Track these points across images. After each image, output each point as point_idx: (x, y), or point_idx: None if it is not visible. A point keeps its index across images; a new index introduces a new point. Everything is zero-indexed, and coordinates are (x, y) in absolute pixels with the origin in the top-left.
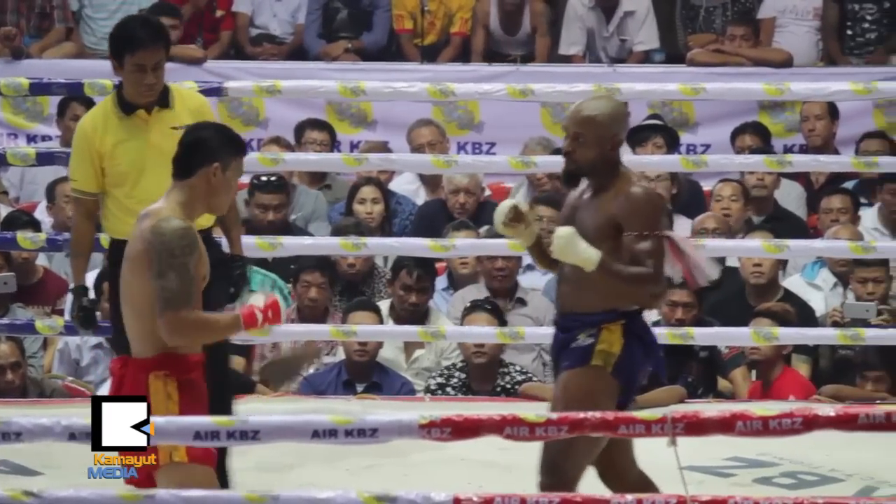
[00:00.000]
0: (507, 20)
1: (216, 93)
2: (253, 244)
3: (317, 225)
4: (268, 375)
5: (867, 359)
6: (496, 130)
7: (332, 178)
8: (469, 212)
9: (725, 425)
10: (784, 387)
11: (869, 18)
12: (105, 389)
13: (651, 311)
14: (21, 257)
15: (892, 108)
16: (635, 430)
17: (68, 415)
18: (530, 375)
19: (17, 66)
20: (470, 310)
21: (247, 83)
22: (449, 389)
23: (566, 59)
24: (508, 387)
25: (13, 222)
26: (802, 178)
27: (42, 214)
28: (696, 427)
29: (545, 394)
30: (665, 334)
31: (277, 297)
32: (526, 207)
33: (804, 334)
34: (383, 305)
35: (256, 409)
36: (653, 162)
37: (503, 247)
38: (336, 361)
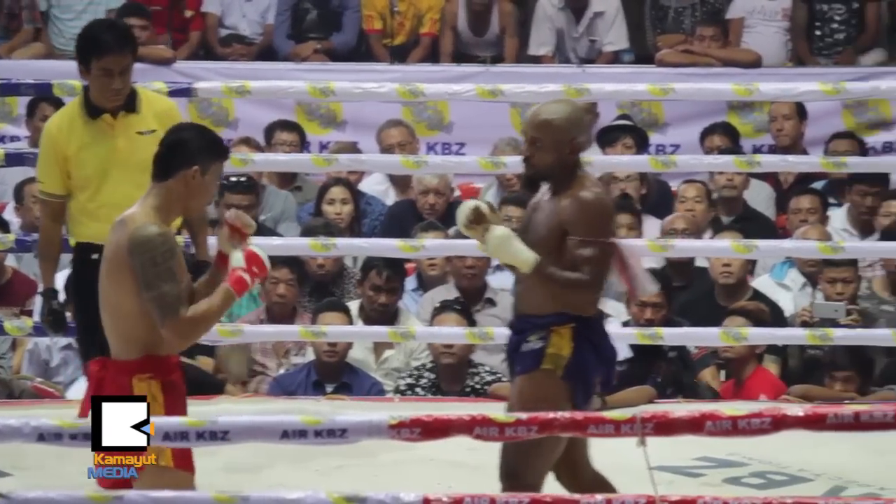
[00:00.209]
0: (475, 21)
1: (185, 93)
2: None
3: (286, 225)
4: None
5: (836, 359)
6: (466, 131)
7: (303, 180)
8: (439, 212)
9: (695, 425)
10: (755, 386)
11: (837, 19)
12: (75, 390)
13: (620, 312)
14: None
15: (860, 109)
16: (604, 431)
17: (37, 416)
18: (500, 376)
19: None
20: (439, 310)
21: (216, 84)
22: (418, 390)
23: (535, 59)
24: (478, 387)
25: None
26: (771, 178)
27: (10, 215)
28: (666, 427)
29: None
30: (634, 334)
31: (254, 249)
32: (487, 209)
33: (773, 334)
34: (353, 306)
35: (226, 409)
36: (622, 162)
37: (472, 247)
38: (306, 362)
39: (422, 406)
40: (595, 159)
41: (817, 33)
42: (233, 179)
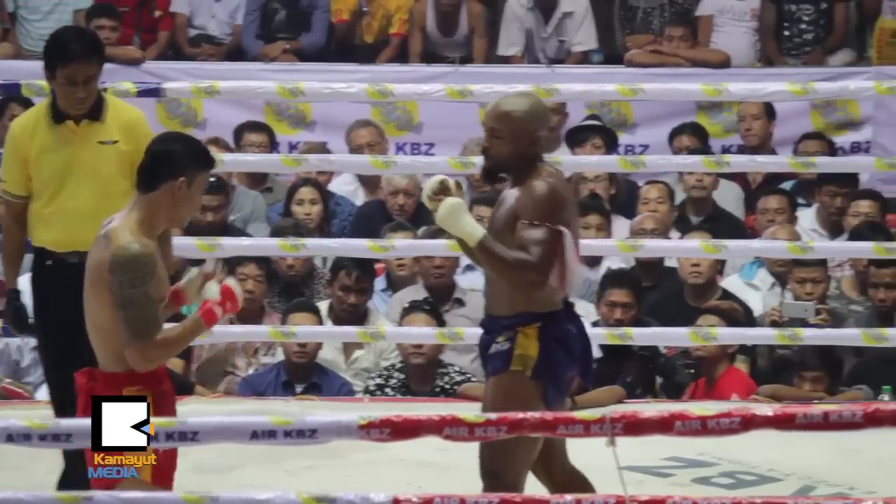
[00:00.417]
0: (443, 21)
1: (154, 93)
2: (192, 245)
3: (255, 226)
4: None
5: (805, 359)
6: (435, 131)
7: (274, 180)
8: (408, 213)
9: (664, 425)
10: (727, 386)
11: (806, 19)
12: (45, 391)
13: (589, 313)
14: None
15: (828, 109)
16: (574, 431)
17: (6, 416)
18: (469, 376)
19: None
20: (408, 310)
21: (185, 84)
22: (388, 390)
23: (505, 59)
24: (447, 387)
25: None
26: (740, 178)
27: None
28: (635, 427)
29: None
30: (604, 335)
31: (228, 284)
32: (454, 184)
33: (742, 334)
34: (322, 306)
35: (195, 410)
36: (591, 162)
37: (442, 247)
38: (275, 362)
39: (391, 406)
40: (564, 159)
41: (786, 34)
42: None
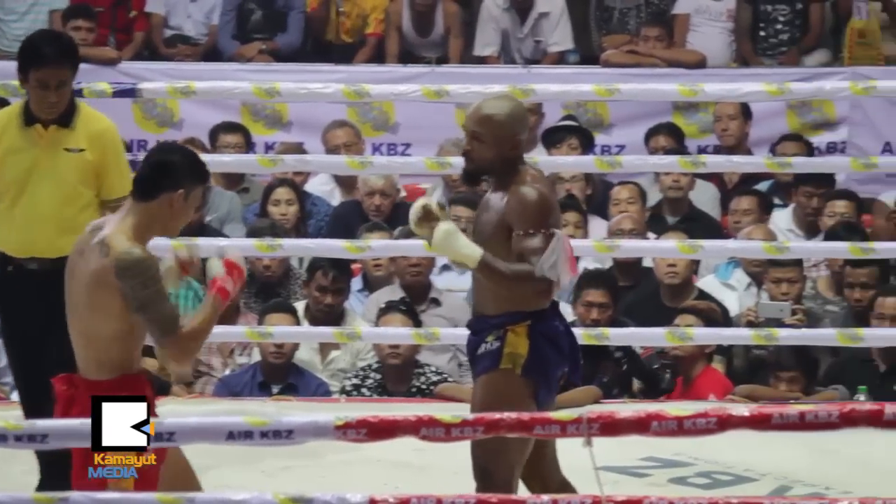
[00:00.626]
0: (419, 21)
1: (130, 94)
2: (168, 245)
3: (232, 226)
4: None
5: (781, 359)
6: (411, 131)
7: (250, 181)
8: (384, 213)
9: (640, 425)
10: (704, 386)
11: (781, 20)
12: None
13: (566, 313)
14: None
15: (804, 109)
16: (550, 431)
17: None
18: (445, 376)
19: None
20: (384, 311)
21: (161, 84)
22: (364, 390)
23: (481, 60)
24: (424, 388)
25: None
26: (716, 178)
27: None
28: (612, 427)
29: (461, 394)
30: (580, 335)
31: (230, 257)
32: (436, 207)
33: (718, 334)
34: (299, 307)
35: (171, 410)
36: (567, 163)
37: (418, 248)
38: (251, 363)
39: (368, 407)
40: (540, 160)
41: (761, 34)
42: None
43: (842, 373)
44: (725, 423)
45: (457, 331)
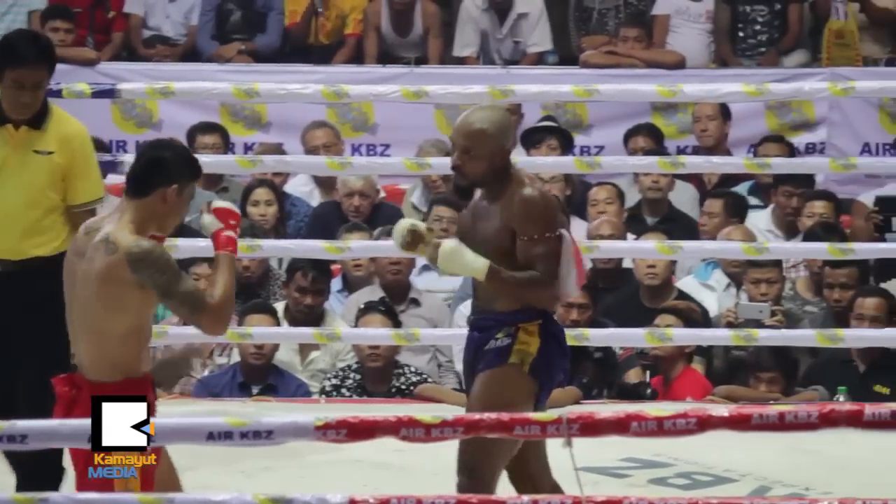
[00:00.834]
0: (398, 21)
1: (109, 94)
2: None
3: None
4: (157, 376)
5: (760, 360)
6: (390, 132)
7: (229, 181)
8: (363, 214)
9: (620, 426)
10: (683, 387)
11: (760, 20)
12: None
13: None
14: None
15: (783, 110)
16: (531, 431)
17: None
18: (425, 377)
19: None
20: (364, 311)
21: (140, 85)
22: (344, 391)
23: (460, 60)
24: (403, 388)
25: None
26: (695, 179)
27: None
28: (592, 428)
29: (440, 395)
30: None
31: (217, 204)
32: (423, 227)
33: (698, 335)
34: (278, 307)
35: None
36: (547, 164)
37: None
38: (231, 363)
39: (348, 407)
40: (520, 160)
41: (740, 35)
42: None
43: (821, 373)
44: (705, 424)
45: (436, 331)
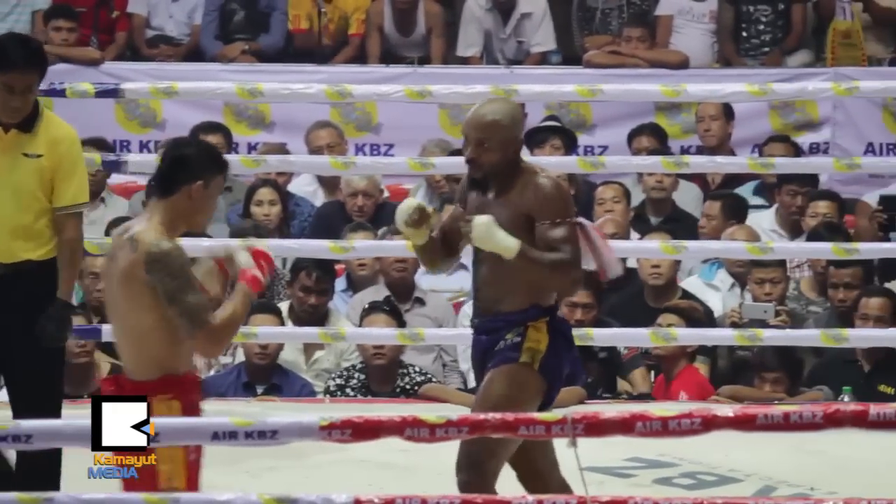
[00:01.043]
0: (401, 21)
1: (113, 94)
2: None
3: (215, 227)
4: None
5: (765, 360)
6: (394, 132)
7: (232, 181)
8: (367, 214)
9: (625, 426)
10: (679, 385)
11: (764, 20)
12: (3, 394)
13: None
14: None
15: (787, 110)
16: (535, 431)
17: None
18: (430, 376)
19: None
20: (368, 311)
21: (143, 84)
22: (349, 391)
23: (463, 60)
24: (408, 388)
25: None
26: (699, 179)
27: None
28: (596, 428)
29: (445, 395)
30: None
31: (257, 246)
32: (431, 209)
33: (702, 335)
34: (283, 307)
35: None
36: (550, 163)
37: (401, 248)
38: (235, 363)
39: (352, 407)
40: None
41: (744, 34)
42: None
43: (826, 373)
44: (710, 424)
45: (441, 331)
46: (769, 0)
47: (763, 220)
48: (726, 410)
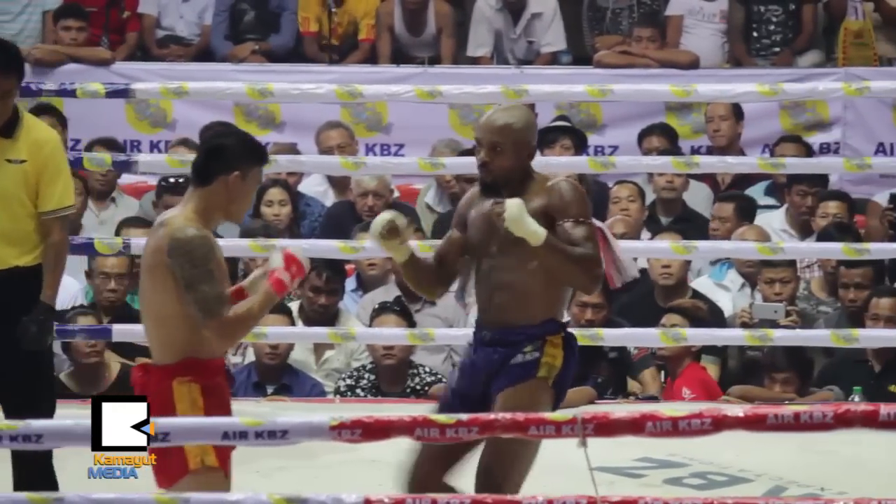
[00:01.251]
0: (411, 21)
1: (123, 94)
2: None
3: (225, 227)
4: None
5: (775, 360)
6: (404, 132)
7: None
8: (377, 214)
9: (635, 426)
10: (683, 382)
11: (774, 20)
12: None
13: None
14: None
15: (797, 110)
16: (546, 431)
17: None
18: (440, 377)
19: None
20: (378, 311)
21: (154, 84)
22: (359, 391)
23: (474, 60)
24: (418, 388)
25: None
26: (709, 179)
27: None
28: (607, 428)
29: None
30: (575, 335)
31: (291, 251)
32: (404, 222)
33: (713, 335)
34: (293, 307)
35: None
36: (561, 164)
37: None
38: (246, 363)
39: (362, 407)
40: (533, 160)
41: (754, 35)
42: (171, 181)
43: (836, 373)
44: (720, 424)
45: (451, 331)
46: (780, 0)
47: (773, 220)
48: (737, 410)
